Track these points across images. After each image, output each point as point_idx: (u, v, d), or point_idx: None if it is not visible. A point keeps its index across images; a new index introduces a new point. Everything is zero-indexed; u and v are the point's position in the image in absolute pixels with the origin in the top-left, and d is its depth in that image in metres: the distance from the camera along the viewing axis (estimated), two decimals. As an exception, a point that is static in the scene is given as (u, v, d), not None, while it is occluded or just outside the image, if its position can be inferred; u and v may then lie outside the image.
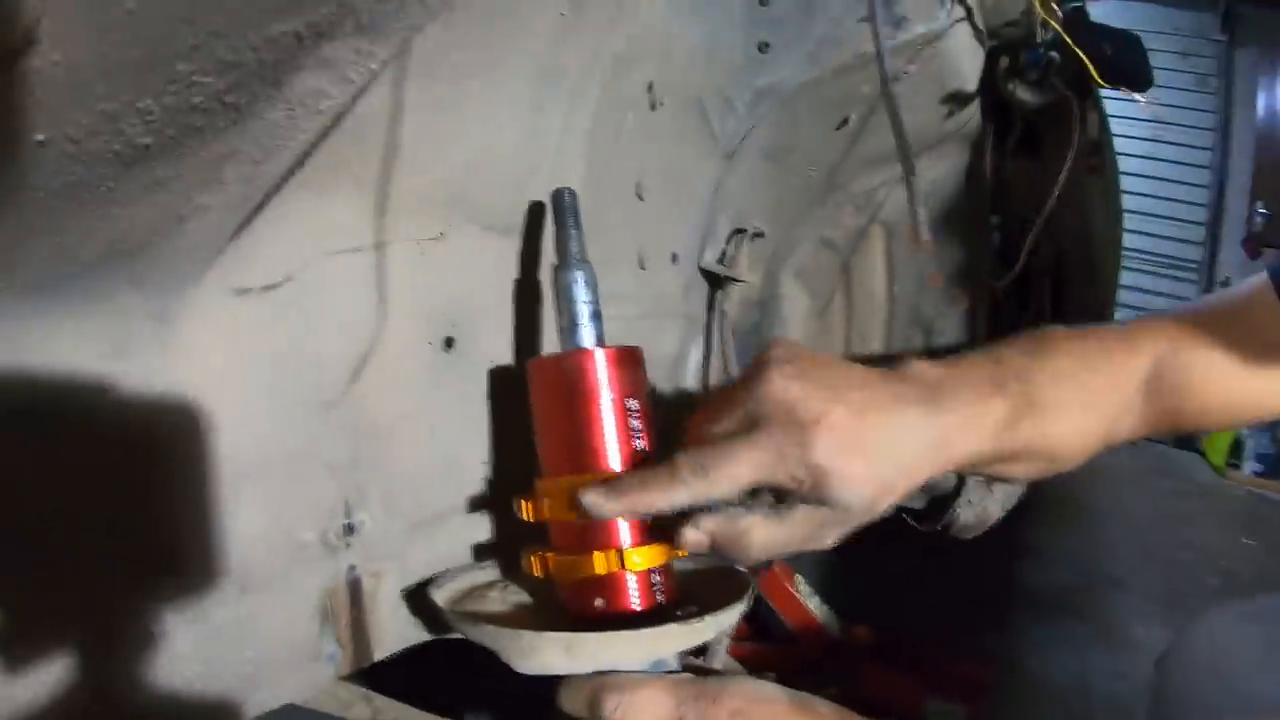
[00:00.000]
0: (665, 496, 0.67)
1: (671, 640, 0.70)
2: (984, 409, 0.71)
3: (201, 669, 0.64)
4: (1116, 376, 0.77)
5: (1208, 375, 0.77)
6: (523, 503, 0.75)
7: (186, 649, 0.63)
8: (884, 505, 0.68)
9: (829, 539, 0.70)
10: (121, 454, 0.57)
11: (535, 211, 0.84)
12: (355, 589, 0.76)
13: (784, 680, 1.18)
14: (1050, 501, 3.26)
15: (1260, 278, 0.79)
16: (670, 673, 0.72)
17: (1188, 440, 5.32)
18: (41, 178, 0.36)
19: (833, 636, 1.90)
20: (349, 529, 0.74)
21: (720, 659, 0.95)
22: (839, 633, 1.91)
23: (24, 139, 0.33)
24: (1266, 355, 0.77)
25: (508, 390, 0.84)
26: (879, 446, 0.67)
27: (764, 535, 0.69)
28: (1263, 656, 0.88)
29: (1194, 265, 5.89)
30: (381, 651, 0.79)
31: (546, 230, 0.84)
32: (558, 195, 0.76)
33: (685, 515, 0.70)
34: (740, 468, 0.66)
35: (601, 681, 0.67)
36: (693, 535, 0.71)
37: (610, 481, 0.69)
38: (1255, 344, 0.77)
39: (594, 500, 0.69)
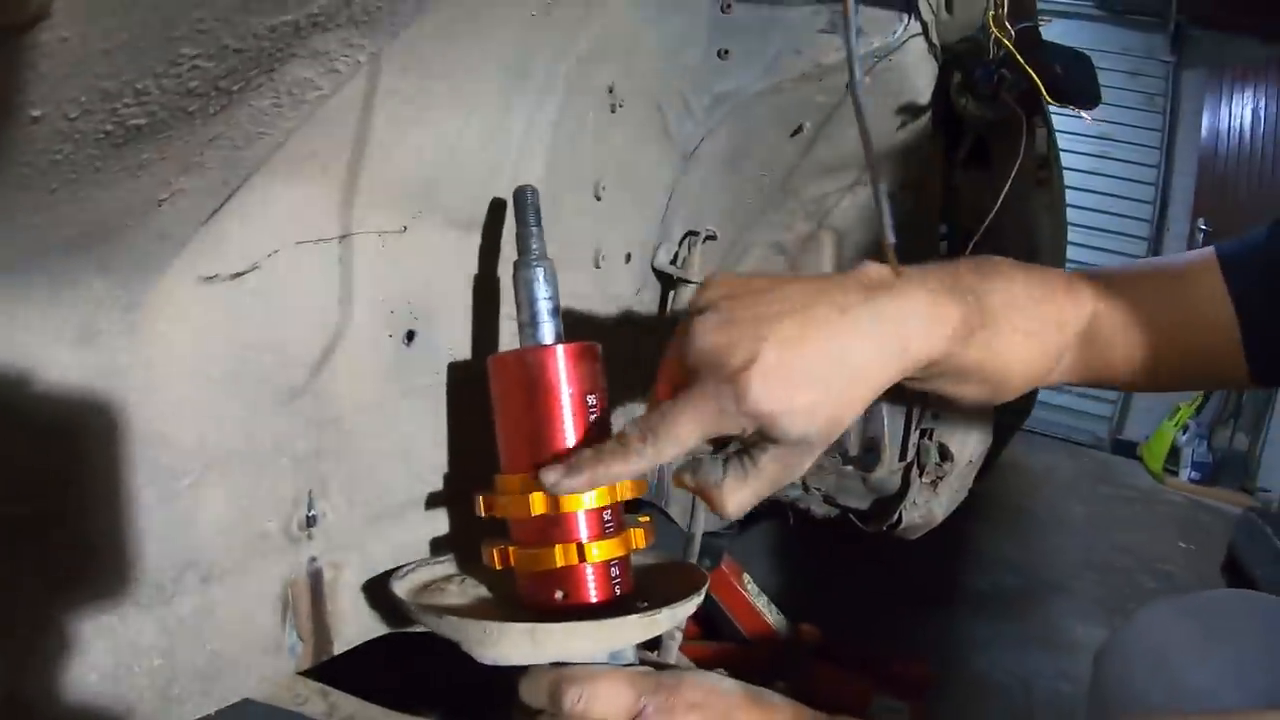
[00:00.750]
0: (622, 467, 0.67)
1: (631, 631, 0.71)
2: (941, 313, 0.68)
3: (161, 661, 0.64)
4: (1061, 314, 0.75)
5: (1140, 333, 0.77)
6: (482, 499, 0.76)
7: (147, 641, 0.63)
8: (847, 420, 0.67)
9: (804, 468, 0.69)
10: (84, 440, 0.57)
11: (497, 208, 0.85)
12: (316, 580, 0.76)
13: (734, 678, 1.19)
14: (992, 506, 3.32)
15: (1205, 250, 0.78)
16: (628, 666, 0.74)
17: (1126, 447, 5.46)
18: (30, 155, 0.36)
19: (781, 635, 1.92)
20: (310, 520, 0.74)
21: (673, 655, 0.97)
22: (787, 631, 1.94)
23: (19, 114, 0.33)
24: (1197, 324, 0.77)
25: (467, 384, 0.85)
26: (824, 369, 0.64)
27: (736, 490, 0.69)
28: (1197, 649, 0.90)
29: (1136, 278, 6.01)
30: (341, 643, 0.79)
31: (508, 227, 0.85)
32: (520, 193, 0.78)
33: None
34: (683, 429, 0.65)
35: (562, 674, 0.69)
36: (675, 486, 0.72)
37: (568, 459, 0.69)
38: (1188, 310, 0.77)
39: (554, 479, 0.69)
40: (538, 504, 0.72)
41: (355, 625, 0.80)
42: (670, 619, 0.74)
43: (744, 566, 1.97)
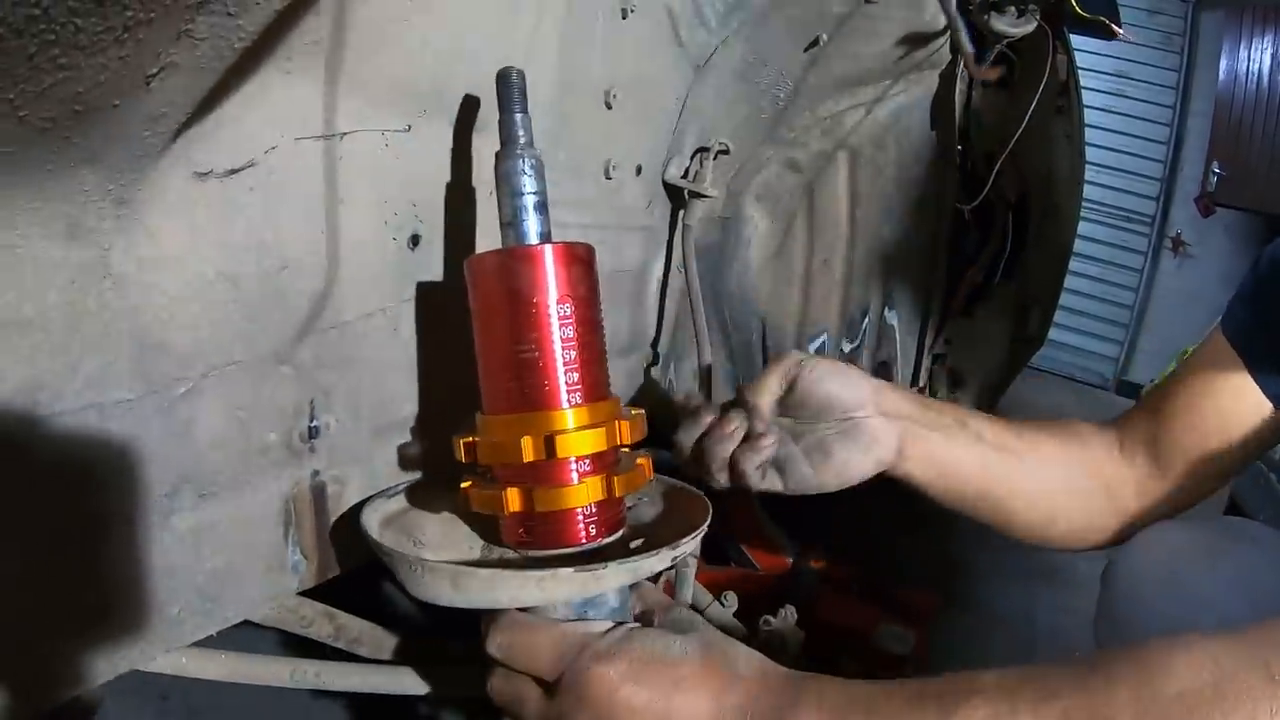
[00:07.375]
0: None
1: (563, 585, 0.66)
2: None
3: (159, 580, 0.62)
4: None
5: None
6: (461, 443, 0.71)
7: (144, 559, 0.61)
8: None
9: None
10: (71, 343, 0.55)
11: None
12: (319, 495, 0.74)
13: (742, 602, 1.18)
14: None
15: None
16: (617, 610, 0.71)
17: (1132, 390, 5.45)
18: (3, 9, 0.34)
19: (787, 560, 1.92)
20: (313, 431, 0.72)
21: (689, 585, 0.95)
22: (794, 558, 1.93)
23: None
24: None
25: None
26: None
27: None
28: (1204, 561, 0.90)
29: (1146, 219, 5.97)
30: (347, 560, 0.78)
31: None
32: (504, 74, 0.70)
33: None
34: None
35: (496, 619, 0.69)
36: None
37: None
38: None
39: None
40: (524, 451, 0.67)
41: (361, 542, 0.78)
42: (624, 574, 0.68)
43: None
